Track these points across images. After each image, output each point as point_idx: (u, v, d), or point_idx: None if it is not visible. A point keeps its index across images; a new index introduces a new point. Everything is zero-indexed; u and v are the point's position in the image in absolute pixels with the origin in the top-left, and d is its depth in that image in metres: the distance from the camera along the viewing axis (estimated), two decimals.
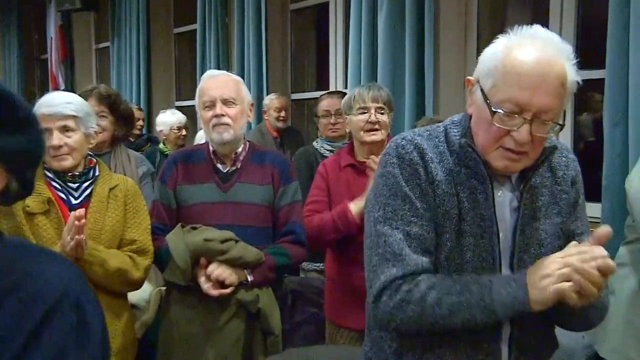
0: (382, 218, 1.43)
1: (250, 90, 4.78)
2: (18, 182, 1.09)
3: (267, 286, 2.39)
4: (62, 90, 6.60)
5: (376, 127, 2.65)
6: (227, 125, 2.39)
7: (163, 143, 5.12)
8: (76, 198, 2.23)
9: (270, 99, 4.93)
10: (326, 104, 3.60)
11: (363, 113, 2.65)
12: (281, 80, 5.59)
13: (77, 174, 2.25)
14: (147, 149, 4.96)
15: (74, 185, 2.24)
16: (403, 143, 1.45)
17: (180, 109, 5.58)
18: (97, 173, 2.30)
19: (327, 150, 3.43)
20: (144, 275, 2.30)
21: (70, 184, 2.24)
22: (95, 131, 2.31)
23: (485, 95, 1.36)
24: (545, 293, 1.30)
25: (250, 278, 2.31)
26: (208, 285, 2.27)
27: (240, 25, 5.37)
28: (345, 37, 4.73)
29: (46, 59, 8.88)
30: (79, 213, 2.04)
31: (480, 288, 1.35)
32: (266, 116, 4.93)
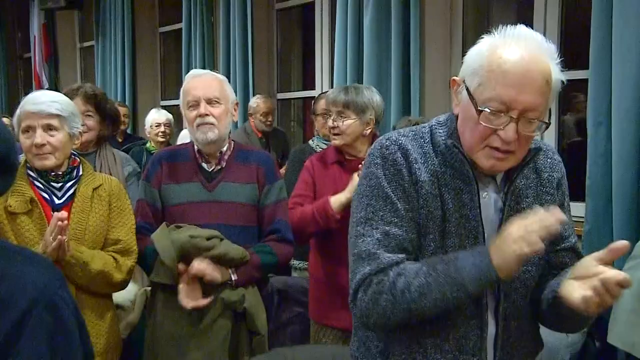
0: (364, 219, 1.43)
1: (236, 89, 4.81)
2: None
3: (253, 286, 2.38)
4: (46, 89, 6.56)
5: (336, 132, 2.64)
6: (212, 124, 2.38)
7: (150, 142, 5.08)
8: (59, 198, 2.21)
9: (257, 103, 4.93)
10: (324, 103, 3.60)
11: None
12: (267, 79, 5.58)
13: (61, 174, 2.23)
14: (134, 148, 4.91)
15: (58, 185, 2.22)
16: (387, 143, 1.46)
17: (165, 108, 5.54)
18: (81, 173, 2.28)
19: (324, 148, 3.42)
20: (127, 277, 2.29)
21: (53, 184, 2.22)
22: (79, 132, 2.29)
23: (471, 94, 1.37)
24: (508, 258, 1.30)
25: (234, 277, 2.31)
26: (186, 300, 2.25)
27: (225, 24, 5.36)
28: (331, 37, 4.73)
29: (29, 58, 8.79)
30: (62, 214, 2.02)
31: (445, 265, 1.35)
32: (252, 118, 4.94)
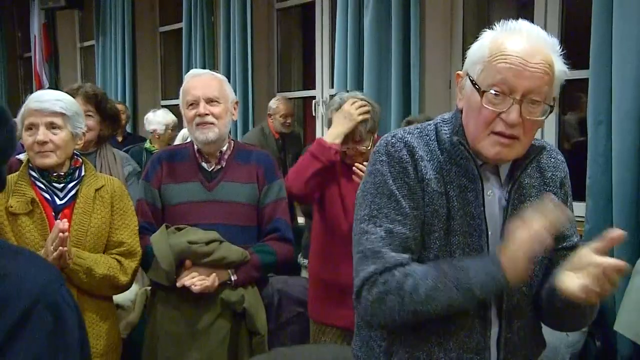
0: (368, 216, 1.43)
1: (236, 89, 4.80)
2: None
3: (253, 285, 2.38)
4: (47, 89, 6.55)
5: None
6: (211, 124, 2.38)
7: (150, 142, 5.09)
8: (61, 199, 2.20)
9: (277, 104, 4.96)
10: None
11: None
12: (267, 79, 5.58)
13: (63, 174, 2.22)
14: (133, 148, 4.92)
15: (59, 185, 2.21)
16: (393, 141, 1.45)
17: (165, 108, 5.54)
18: (83, 173, 2.26)
19: None
20: (131, 279, 2.28)
21: (55, 184, 2.20)
22: (82, 132, 2.28)
23: (474, 81, 1.38)
24: (519, 263, 1.32)
25: (233, 278, 2.31)
26: (191, 282, 2.24)
27: (226, 24, 5.35)
28: (331, 36, 4.73)
29: (30, 57, 8.78)
30: (63, 225, 1.99)
31: (455, 270, 1.36)
32: (271, 119, 4.97)
